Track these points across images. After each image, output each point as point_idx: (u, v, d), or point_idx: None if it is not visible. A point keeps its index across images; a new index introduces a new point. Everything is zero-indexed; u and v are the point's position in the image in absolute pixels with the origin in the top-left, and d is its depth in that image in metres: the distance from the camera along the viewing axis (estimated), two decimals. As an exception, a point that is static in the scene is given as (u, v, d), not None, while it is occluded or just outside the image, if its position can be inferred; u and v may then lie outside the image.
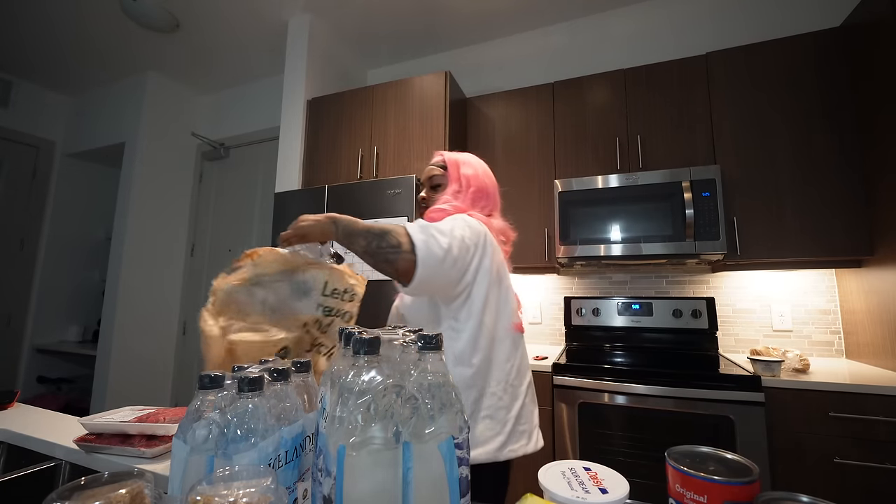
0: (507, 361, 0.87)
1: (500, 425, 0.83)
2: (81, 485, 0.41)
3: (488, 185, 1.00)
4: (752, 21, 2.06)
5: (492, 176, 1.03)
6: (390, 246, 0.76)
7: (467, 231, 0.84)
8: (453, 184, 0.98)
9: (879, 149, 1.52)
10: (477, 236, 0.86)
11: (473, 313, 0.85)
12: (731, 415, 1.37)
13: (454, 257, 0.79)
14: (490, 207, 0.99)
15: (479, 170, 1.00)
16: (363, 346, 0.41)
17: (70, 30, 2.54)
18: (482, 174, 1.00)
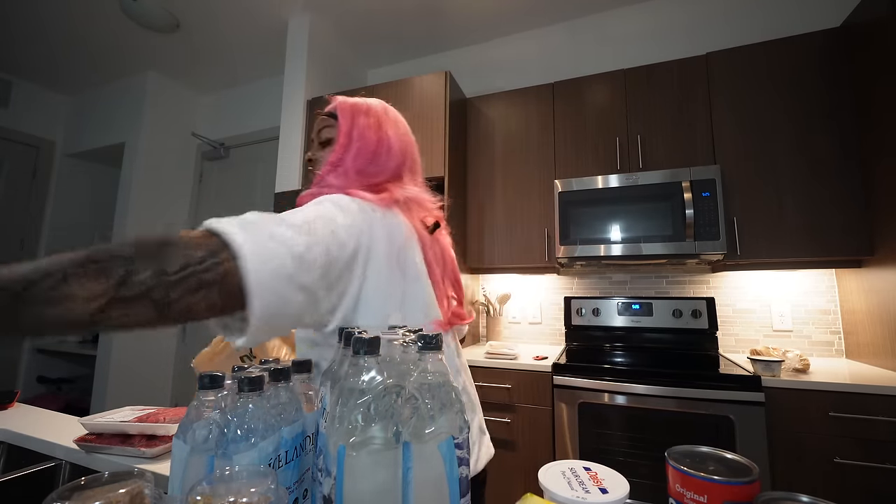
0: None
1: None
2: (81, 485, 0.41)
3: (389, 140, 0.70)
4: (752, 21, 2.06)
5: (403, 129, 0.75)
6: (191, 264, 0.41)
7: (339, 217, 0.56)
8: (341, 140, 0.69)
9: (879, 149, 1.52)
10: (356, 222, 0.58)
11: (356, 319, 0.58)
12: (731, 415, 1.37)
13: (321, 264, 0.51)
14: (387, 173, 0.70)
15: (381, 118, 0.72)
16: (363, 346, 0.41)
17: (70, 30, 2.54)
18: (384, 124, 0.71)
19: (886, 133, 1.48)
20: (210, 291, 0.42)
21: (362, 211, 0.60)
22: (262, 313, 0.45)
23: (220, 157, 3.19)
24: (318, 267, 0.50)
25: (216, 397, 0.46)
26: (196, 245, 0.43)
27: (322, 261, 0.51)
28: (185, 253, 0.41)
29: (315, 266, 0.50)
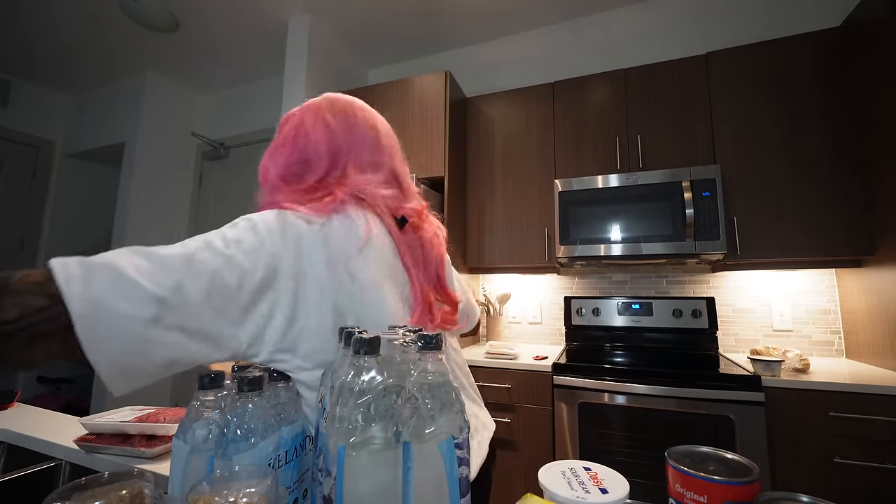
0: None
1: None
2: (81, 485, 0.41)
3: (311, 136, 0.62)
4: (752, 21, 2.06)
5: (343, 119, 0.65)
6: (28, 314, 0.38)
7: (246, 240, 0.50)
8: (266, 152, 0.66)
9: (879, 148, 1.52)
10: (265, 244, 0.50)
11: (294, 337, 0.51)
12: (731, 415, 1.37)
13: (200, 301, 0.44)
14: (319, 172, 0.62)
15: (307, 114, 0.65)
16: (363, 346, 0.41)
17: (70, 29, 2.54)
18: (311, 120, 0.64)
19: (886, 132, 1.48)
20: (50, 344, 0.39)
21: (283, 229, 0.52)
22: (108, 367, 0.39)
23: (220, 157, 3.19)
24: (195, 304, 0.44)
25: (216, 397, 0.46)
26: (35, 290, 0.38)
27: (201, 298, 0.44)
28: (19, 301, 0.37)
29: (191, 303, 0.43)
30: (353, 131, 0.65)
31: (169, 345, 0.42)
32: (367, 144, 0.66)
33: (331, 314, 0.53)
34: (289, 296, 0.51)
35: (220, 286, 0.45)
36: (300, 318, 0.51)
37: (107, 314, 0.39)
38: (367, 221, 0.60)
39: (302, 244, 0.53)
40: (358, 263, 0.56)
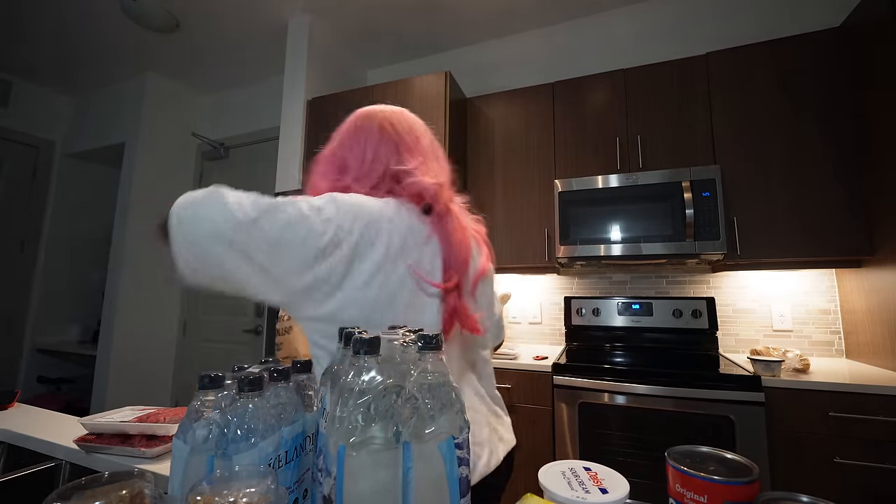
0: None
1: None
2: (81, 485, 0.41)
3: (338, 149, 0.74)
4: (752, 21, 2.06)
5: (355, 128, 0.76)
6: None
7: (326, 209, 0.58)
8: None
9: (879, 149, 1.52)
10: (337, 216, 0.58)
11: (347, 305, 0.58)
12: (731, 415, 1.37)
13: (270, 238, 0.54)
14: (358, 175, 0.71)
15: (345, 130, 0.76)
16: (363, 346, 0.41)
17: (70, 30, 2.54)
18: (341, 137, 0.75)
19: (886, 133, 1.48)
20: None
21: (358, 211, 0.60)
22: (183, 260, 0.54)
23: (220, 157, 3.19)
24: (264, 240, 0.53)
25: (216, 397, 0.46)
26: None
27: (273, 236, 0.54)
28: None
29: (261, 238, 0.53)
30: (354, 136, 0.76)
31: (227, 261, 0.53)
32: (398, 143, 0.74)
33: (378, 294, 0.59)
34: (342, 267, 0.57)
35: (291, 235, 0.54)
36: (347, 289, 0.58)
37: (194, 222, 0.56)
38: (407, 213, 0.66)
39: (370, 228, 0.60)
40: (413, 255, 0.62)
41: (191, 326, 3.12)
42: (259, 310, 2.82)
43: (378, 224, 0.61)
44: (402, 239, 0.62)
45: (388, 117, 0.78)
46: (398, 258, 0.61)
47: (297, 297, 0.58)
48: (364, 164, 0.72)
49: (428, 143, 0.78)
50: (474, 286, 0.71)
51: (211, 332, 3.03)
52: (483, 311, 0.73)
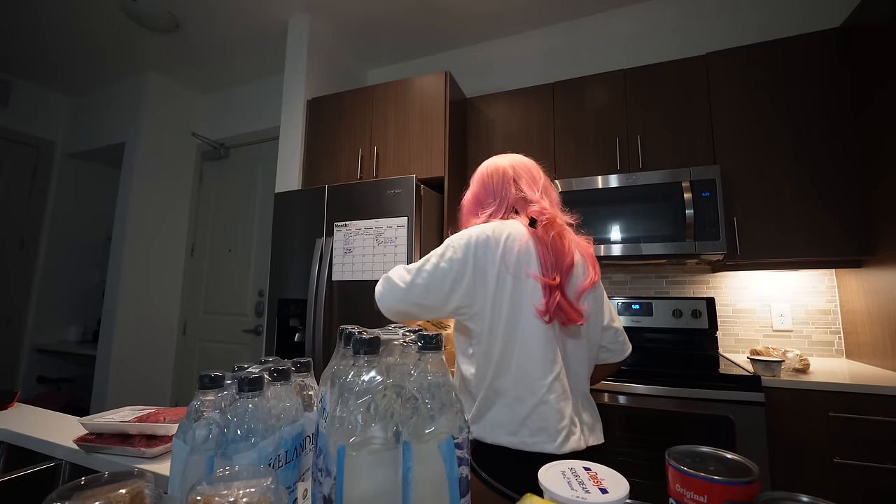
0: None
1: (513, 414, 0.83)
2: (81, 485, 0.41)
3: (478, 190, 0.98)
4: (752, 21, 2.06)
5: (487, 174, 0.99)
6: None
7: (448, 252, 0.85)
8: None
9: (879, 149, 1.52)
10: (459, 256, 0.84)
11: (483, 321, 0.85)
12: (731, 415, 1.37)
13: (415, 294, 0.85)
14: (493, 207, 0.95)
15: (475, 179, 1.02)
16: (363, 346, 0.41)
17: (70, 30, 2.54)
18: (476, 181, 1.00)
19: (886, 133, 1.48)
20: None
21: (466, 245, 0.84)
22: (386, 311, 0.89)
23: (220, 157, 3.19)
24: (419, 289, 0.84)
25: (216, 397, 0.46)
26: None
27: (423, 284, 0.84)
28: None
29: (416, 290, 0.85)
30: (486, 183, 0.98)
31: (407, 310, 0.88)
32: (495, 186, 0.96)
33: (501, 304, 0.83)
34: (470, 290, 0.83)
35: (432, 280, 0.84)
36: (476, 306, 0.84)
37: (384, 294, 0.89)
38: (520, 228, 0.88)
39: (478, 255, 0.84)
40: (519, 261, 0.84)
41: (191, 326, 3.12)
42: (259, 310, 2.82)
43: (486, 245, 0.84)
44: (516, 251, 0.84)
45: (511, 163, 0.98)
46: (514, 266, 0.83)
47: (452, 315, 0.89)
48: (495, 198, 0.95)
49: (542, 180, 0.98)
50: (579, 295, 0.87)
51: (211, 332, 3.03)
52: (591, 315, 0.89)
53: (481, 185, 0.98)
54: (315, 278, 1.83)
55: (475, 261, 0.83)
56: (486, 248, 0.83)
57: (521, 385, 0.82)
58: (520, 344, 0.83)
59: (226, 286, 3.00)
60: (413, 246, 1.70)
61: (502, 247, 0.83)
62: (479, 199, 0.97)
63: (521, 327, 0.83)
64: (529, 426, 0.80)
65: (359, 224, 1.82)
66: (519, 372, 0.82)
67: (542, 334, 0.82)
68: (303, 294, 1.87)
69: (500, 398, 0.84)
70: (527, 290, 0.83)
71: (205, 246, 3.17)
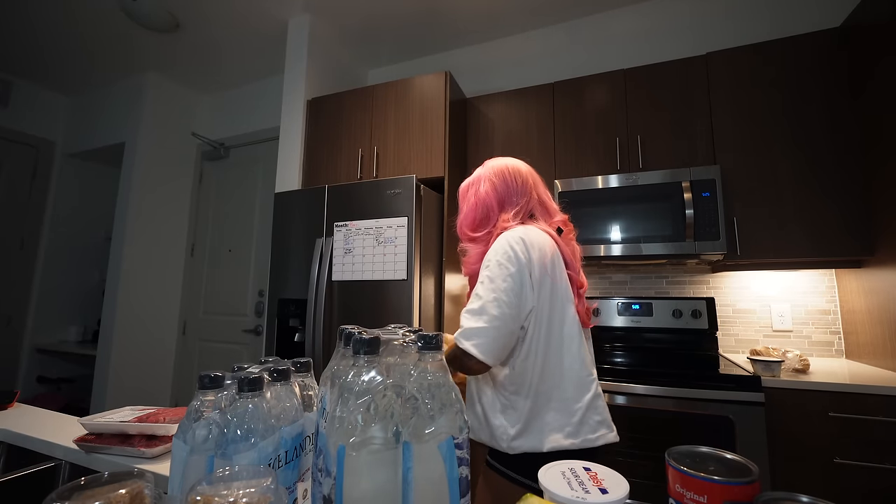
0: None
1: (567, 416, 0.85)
2: (81, 485, 0.41)
3: (500, 187, 0.98)
4: (752, 21, 2.06)
5: (510, 174, 0.99)
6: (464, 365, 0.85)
7: (499, 282, 0.84)
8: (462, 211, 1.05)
9: (879, 149, 1.52)
10: (512, 276, 0.84)
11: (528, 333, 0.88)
12: (731, 415, 1.37)
13: (500, 324, 0.83)
14: (517, 207, 0.97)
15: (474, 183, 1.02)
16: (363, 346, 0.41)
17: (70, 30, 2.54)
18: (497, 177, 1.00)
19: (886, 133, 1.48)
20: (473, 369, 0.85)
21: (513, 251, 0.86)
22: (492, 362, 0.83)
23: (220, 157, 3.19)
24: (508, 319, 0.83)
25: (216, 397, 0.46)
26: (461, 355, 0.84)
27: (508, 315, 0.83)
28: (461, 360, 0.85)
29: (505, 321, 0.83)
30: (508, 182, 0.98)
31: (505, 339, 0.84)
32: (519, 187, 0.98)
33: (545, 305, 0.87)
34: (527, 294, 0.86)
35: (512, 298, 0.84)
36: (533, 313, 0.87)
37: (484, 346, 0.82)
38: (549, 239, 0.92)
39: (524, 258, 0.86)
40: (553, 265, 0.89)
41: (191, 326, 3.12)
42: (259, 310, 2.82)
43: (527, 249, 0.87)
44: (550, 256, 0.89)
45: (529, 170, 1.02)
46: (550, 269, 0.88)
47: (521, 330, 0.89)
48: (519, 199, 0.97)
49: (542, 183, 1.04)
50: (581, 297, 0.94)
51: (211, 332, 3.03)
52: None
53: (503, 182, 0.98)
54: (315, 278, 1.83)
55: (528, 263, 0.86)
56: (528, 251, 0.87)
57: (572, 384, 0.85)
58: (566, 343, 0.87)
59: (226, 286, 3.00)
60: (413, 246, 1.70)
61: (538, 251, 0.87)
62: (502, 196, 0.97)
63: (565, 327, 0.87)
64: (589, 423, 0.84)
65: (359, 224, 1.82)
66: (570, 370, 0.86)
67: (580, 334, 0.88)
68: (303, 294, 1.87)
69: (551, 402, 0.85)
70: (560, 293, 0.88)
71: (205, 246, 3.17)
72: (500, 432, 0.85)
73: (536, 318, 0.86)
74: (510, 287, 0.83)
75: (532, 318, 0.85)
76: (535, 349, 0.85)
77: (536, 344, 0.85)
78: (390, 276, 1.71)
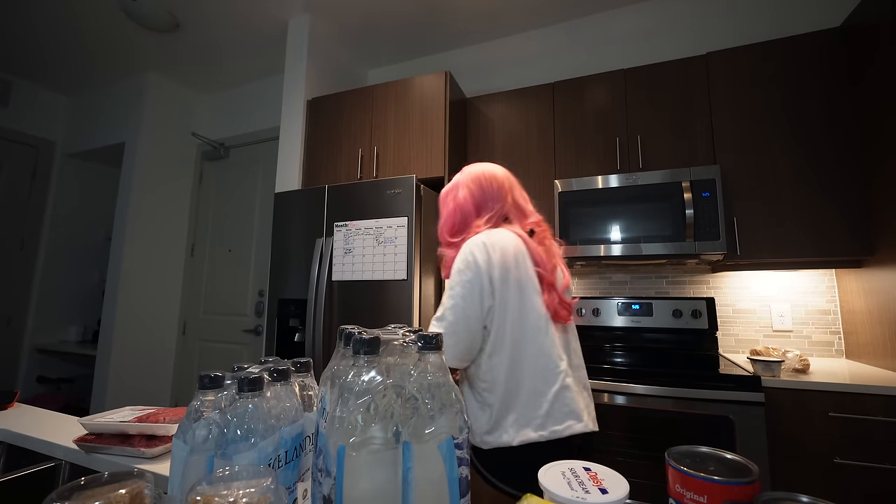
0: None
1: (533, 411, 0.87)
2: (81, 485, 0.41)
3: (477, 193, 1.02)
4: (752, 21, 2.06)
5: (486, 179, 1.02)
6: None
7: (457, 288, 0.90)
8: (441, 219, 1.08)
9: (879, 149, 1.52)
10: (470, 281, 0.89)
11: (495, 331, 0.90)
12: (731, 415, 1.37)
13: (457, 329, 0.88)
14: (491, 212, 1.00)
15: (453, 187, 1.05)
16: (363, 346, 0.41)
17: (70, 30, 2.54)
18: (454, 190, 1.04)
19: (886, 133, 1.48)
20: None
21: (472, 257, 0.90)
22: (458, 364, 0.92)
23: (220, 157, 3.19)
24: (462, 325, 0.89)
25: (216, 397, 0.46)
26: None
27: (462, 321, 0.89)
28: None
29: (459, 326, 0.89)
30: (484, 188, 1.01)
31: (466, 341, 0.90)
32: (494, 192, 1.01)
33: (508, 302, 0.90)
34: (485, 296, 0.90)
35: (468, 303, 0.89)
36: (494, 306, 0.90)
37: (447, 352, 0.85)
38: (516, 239, 0.94)
39: (483, 262, 0.90)
40: (510, 274, 0.91)
41: (191, 326, 3.12)
42: (259, 310, 2.82)
43: (486, 252, 0.90)
44: (513, 255, 0.91)
45: (505, 175, 1.05)
46: (514, 269, 0.91)
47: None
48: (494, 204, 1.00)
49: (519, 187, 1.06)
50: (562, 292, 0.95)
51: (211, 332, 3.03)
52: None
53: (480, 188, 1.02)
54: (315, 278, 1.83)
55: (487, 265, 0.90)
56: (489, 253, 0.90)
57: (538, 376, 0.87)
58: (531, 336, 0.89)
59: (226, 286, 3.00)
60: (413, 246, 1.70)
61: (500, 252, 0.91)
62: (478, 202, 1.01)
63: (530, 321, 0.89)
64: (556, 414, 0.85)
65: (359, 224, 1.82)
66: (535, 364, 0.88)
67: (548, 327, 0.90)
68: (303, 294, 1.87)
69: (520, 396, 0.87)
70: (526, 289, 0.91)
71: (205, 246, 3.17)
72: (475, 428, 0.89)
73: (499, 315, 0.89)
74: (466, 293, 0.89)
75: (494, 315, 0.89)
76: (501, 345, 0.89)
77: (501, 340, 0.89)
78: (390, 276, 1.72)
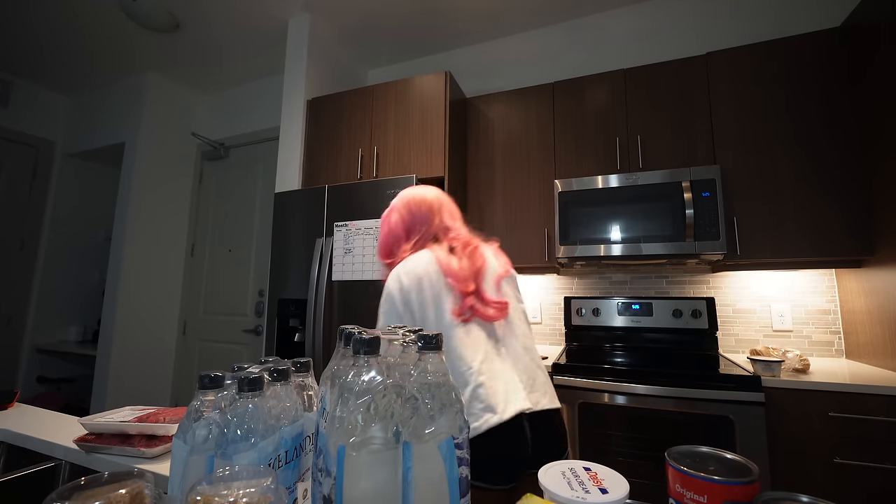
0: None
1: None
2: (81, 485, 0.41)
3: (406, 217, 1.08)
4: (752, 21, 2.06)
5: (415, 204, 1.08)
6: None
7: (381, 318, 0.97)
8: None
9: (879, 149, 1.52)
10: (386, 313, 0.96)
11: None
12: (731, 415, 1.37)
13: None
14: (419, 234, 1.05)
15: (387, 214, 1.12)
16: (363, 346, 0.41)
17: (70, 29, 2.54)
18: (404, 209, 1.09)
19: (886, 133, 1.48)
20: None
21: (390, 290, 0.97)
22: None
23: (220, 157, 3.19)
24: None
25: (216, 397, 0.46)
26: None
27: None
28: None
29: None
30: (413, 212, 1.08)
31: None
32: (423, 215, 1.07)
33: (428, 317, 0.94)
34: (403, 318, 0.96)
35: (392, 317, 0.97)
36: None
37: None
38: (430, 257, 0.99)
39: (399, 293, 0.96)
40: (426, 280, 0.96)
41: (191, 326, 3.12)
42: (259, 310, 2.82)
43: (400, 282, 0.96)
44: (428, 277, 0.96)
45: (437, 197, 1.11)
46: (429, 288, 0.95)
47: None
48: (422, 227, 1.06)
49: (449, 208, 1.11)
50: (498, 283, 1.01)
51: (211, 332, 3.03)
52: (508, 300, 1.00)
53: (409, 212, 1.09)
54: (315, 278, 1.83)
55: (401, 291, 0.96)
56: (402, 280, 0.97)
57: (457, 380, 0.89)
58: (445, 343, 0.91)
59: (226, 286, 3.00)
60: (413, 246, 1.70)
61: (413, 275, 0.96)
62: (408, 225, 1.07)
63: (443, 330, 0.93)
64: (473, 412, 0.86)
65: (359, 224, 1.82)
66: (453, 368, 0.90)
67: (454, 332, 0.93)
68: (303, 294, 1.87)
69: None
70: (436, 299, 0.95)
71: (205, 246, 3.17)
72: None
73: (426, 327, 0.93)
74: (384, 323, 0.96)
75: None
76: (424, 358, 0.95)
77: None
78: (390, 276, 1.72)
